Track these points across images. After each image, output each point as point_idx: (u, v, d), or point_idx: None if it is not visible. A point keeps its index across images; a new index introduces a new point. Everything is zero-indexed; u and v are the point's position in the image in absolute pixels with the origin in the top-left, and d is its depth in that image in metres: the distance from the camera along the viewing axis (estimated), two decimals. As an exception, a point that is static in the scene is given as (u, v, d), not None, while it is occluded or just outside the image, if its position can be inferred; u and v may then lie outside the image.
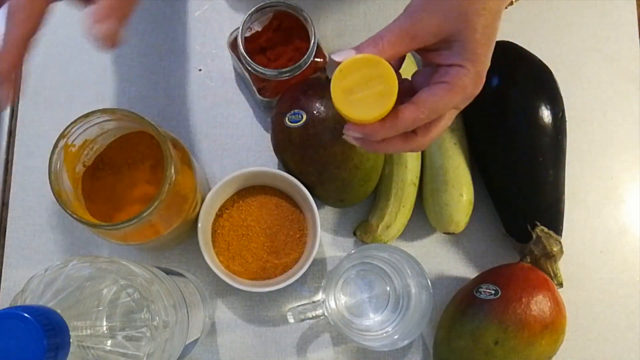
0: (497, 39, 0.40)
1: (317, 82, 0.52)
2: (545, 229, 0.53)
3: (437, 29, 0.39)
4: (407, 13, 0.40)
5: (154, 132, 0.42)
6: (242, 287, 0.51)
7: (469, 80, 0.39)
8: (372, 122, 0.38)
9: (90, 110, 0.42)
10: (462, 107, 0.41)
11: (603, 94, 0.61)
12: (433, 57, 0.41)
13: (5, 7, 0.39)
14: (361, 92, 0.38)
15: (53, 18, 0.60)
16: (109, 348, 0.33)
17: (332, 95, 0.38)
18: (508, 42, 0.56)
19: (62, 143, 0.42)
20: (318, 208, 0.51)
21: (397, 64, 0.42)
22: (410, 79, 0.44)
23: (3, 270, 0.55)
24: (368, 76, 0.39)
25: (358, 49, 0.39)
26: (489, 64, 0.40)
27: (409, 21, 0.39)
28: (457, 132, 0.55)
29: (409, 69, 0.56)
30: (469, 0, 0.38)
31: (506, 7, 0.41)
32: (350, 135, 0.40)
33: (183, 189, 0.45)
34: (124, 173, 0.47)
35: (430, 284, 0.50)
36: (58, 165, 0.42)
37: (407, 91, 0.40)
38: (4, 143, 0.58)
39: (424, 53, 0.41)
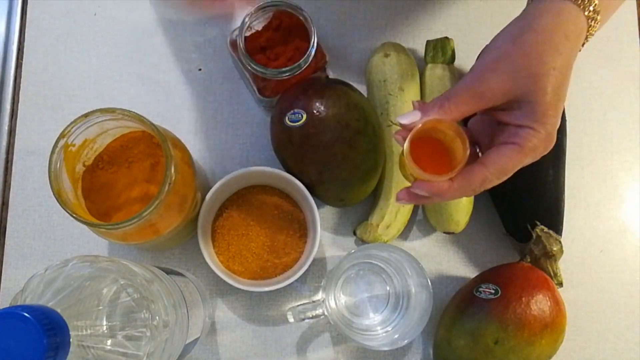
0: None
1: (317, 82, 0.52)
2: (545, 229, 0.53)
3: (506, 90, 0.38)
4: (473, 73, 0.40)
5: (154, 132, 0.42)
6: (242, 287, 0.51)
7: (539, 142, 0.39)
8: (443, 179, 0.39)
9: (90, 110, 0.42)
10: (531, 162, 0.41)
11: (603, 94, 0.61)
12: (501, 116, 0.40)
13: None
14: (429, 156, 0.40)
15: (53, 18, 0.60)
16: (109, 347, 0.33)
17: (406, 158, 0.39)
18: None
19: (62, 143, 0.41)
20: (318, 208, 0.51)
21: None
22: (467, 126, 0.44)
23: (3, 270, 0.55)
24: (435, 141, 0.40)
25: (423, 110, 0.39)
26: (559, 123, 0.39)
27: (476, 82, 0.39)
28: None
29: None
30: (538, 60, 0.38)
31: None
32: (418, 192, 0.40)
33: (183, 189, 0.45)
34: (124, 172, 0.47)
35: (430, 283, 0.50)
36: (58, 165, 0.42)
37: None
38: (4, 143, 0.58)
39: (490, 111, 0.41)
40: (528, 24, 0.39)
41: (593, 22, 0.40)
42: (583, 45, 0.41)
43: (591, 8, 0.39)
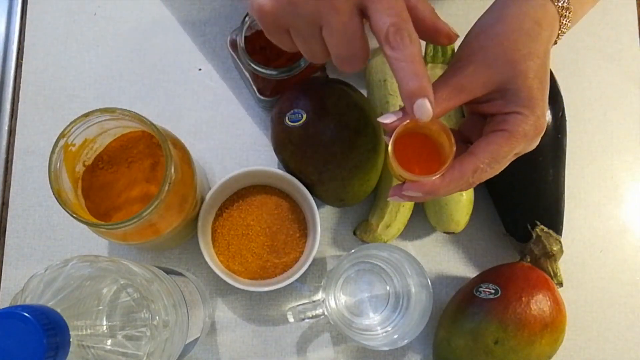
0: None
1: (317, 82, 0.52)
2: (545, 229, 0.53)
3: (486, 79, 0.38)
4: (452, 68, 0.39)
5: (154, 132, 0.42)
6: (242, 287, 0.51)
7: (530, 126, 0.38)
8: (431, 178, 0.38)
9: (90, 110, 0.42)
10: (524, 152, 0.40)
11: (603, 94, 0.61)
12: (485, 108, 0.40)
13: None
14: (418, 153, 0.39)
15: (53, 18, 0.60)
16: (109, 347, 0.33)
17: (391, 161, 0.38)
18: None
19: (62, 142, 0.41)
20: (318, 208, 0.51)
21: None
22: (458, 129, 0.44)
23: (3, 269, 0.55)
24: (422, 136, 0.39)
25: (405, 110, 0.38)
26: (547, 107, 0.39)
27: (454, 76, 0.39)
28: (457, 131, 0.55)
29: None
30: (513, 47, 0.37)
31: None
32: (409, 194, 0.39)
33: (183, 189, 0.45)
34: (124, 172, 0.47)
35: (430, 283, 0.50)
36: (58, 165, 0.42)
37: (457, 141, 0.39)
38: (4, 143, 0.58)
39: (473, 105, 0.40)
40: (496, 16, 0.39)
41: (565, 12, 0.39)
42: (558, 38, 0.41)
43: (559, 4, 0.39)
